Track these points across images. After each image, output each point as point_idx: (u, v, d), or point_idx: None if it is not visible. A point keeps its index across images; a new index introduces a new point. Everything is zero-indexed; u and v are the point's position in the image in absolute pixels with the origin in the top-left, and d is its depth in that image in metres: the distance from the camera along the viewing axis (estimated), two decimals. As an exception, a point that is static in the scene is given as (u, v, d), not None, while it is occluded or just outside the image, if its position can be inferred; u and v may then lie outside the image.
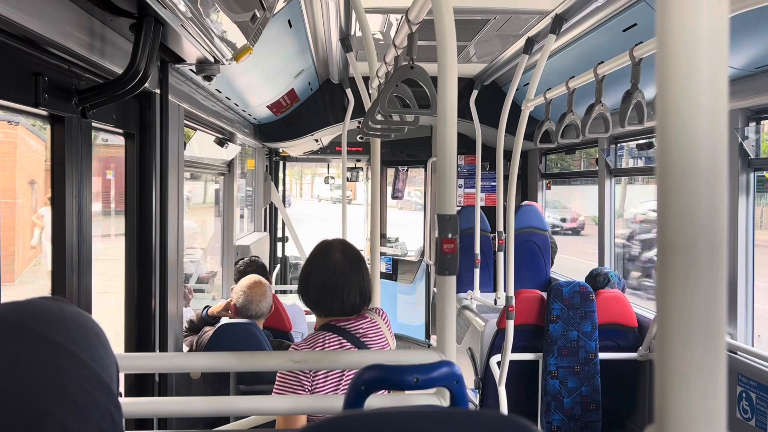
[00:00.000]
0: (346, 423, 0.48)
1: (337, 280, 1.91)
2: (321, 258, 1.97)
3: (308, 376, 1.80)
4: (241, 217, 5.95)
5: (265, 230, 6.60)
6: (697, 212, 0.46)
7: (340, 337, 1.88)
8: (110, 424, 0.59)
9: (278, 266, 7.35)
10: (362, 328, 1.93)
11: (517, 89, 3.85)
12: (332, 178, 9.51)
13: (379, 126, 2.40)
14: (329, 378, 1.81)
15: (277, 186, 7.05)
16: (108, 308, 2.66)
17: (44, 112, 1.71)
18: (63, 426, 0.54)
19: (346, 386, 1.76)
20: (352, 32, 3.80)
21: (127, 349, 2.45)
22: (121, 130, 2.37)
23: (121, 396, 0.68)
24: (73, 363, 0.58)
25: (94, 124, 2.00)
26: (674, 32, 0.46)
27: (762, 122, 3.10)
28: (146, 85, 2.21)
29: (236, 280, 3.39)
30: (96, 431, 0.57)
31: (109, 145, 2.65)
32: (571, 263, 7.62)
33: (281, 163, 7.69)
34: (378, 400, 1.19)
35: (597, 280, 3.93)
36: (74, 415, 0.56)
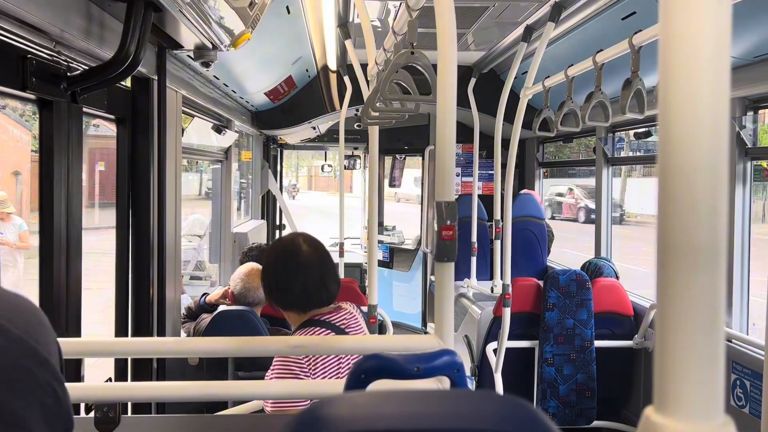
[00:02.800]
0: (348, 402, 0.49)
1: (317, 274, 1.92)
2: (294, 257, 1.94)
3: (304, 367, 1.80)
4: (238, 209, 5.96)
5: (262, 218, 6.60)
6: (698, 203, 0.46)
7: (330, 331, 1.88)
8: (53, 400, 0.57)
9: None
10: (345, 319, 1.94)
11: (515, 77, 3.84)
12: (329, 166, 9.51)
13: (378, 113, 2.40)
14: (327, 370, 1.82)
15: (275, 174, 7.04)
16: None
17: (32, 96, 1.69)
18: None
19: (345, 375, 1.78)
20: (351, 19, 3.78)
21: (125, 336, 2.46)
22: (112, 116, 2.35)
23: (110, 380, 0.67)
24: (4, 338, 0.55)
25: (85, 110, 1.99)
26: (677, 21, 0.46)
27: (760, 111, 3.10)
28: (143, 71, 2.19)
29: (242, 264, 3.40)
30: (36, 407, 0.55)
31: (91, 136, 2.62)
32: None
33: (279, 150, 7.67)
34: (377, 388, 1.20)
35: (590, 270, 3.97)
36: (10, 393, 0.53)
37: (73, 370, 1.95)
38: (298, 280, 1.91)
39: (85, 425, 1.34)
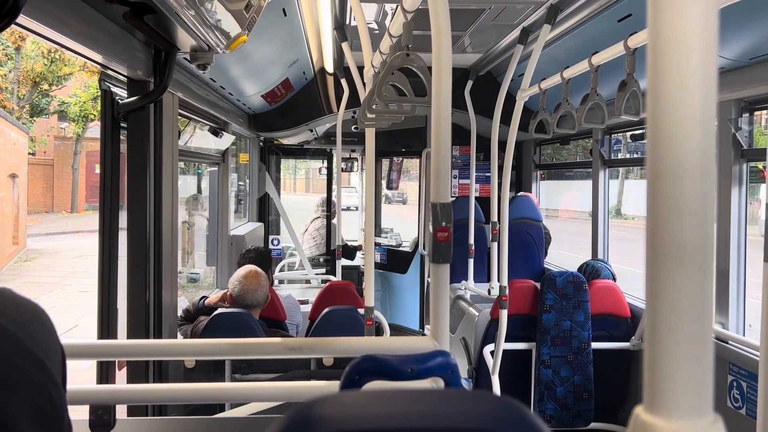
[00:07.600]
0: (338, 401, 0.49)
1: None
2: None
3: None
4: (237, 211, 5.95)
5: (259, 221, 6.59)
6: (686, 204, 0.46)
7: None
8: (47, 401, 0.57)
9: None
10: None
11: (512, 80, 3.85)
12: (327, 168, 9.49)
13: (374, 115, 2.40)
14: None
15: (272, 176, 7.02)
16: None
17: None
18: None
19: None
20: (347, 21, 3.78)
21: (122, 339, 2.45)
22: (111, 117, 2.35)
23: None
24: (1, 336, 0.55)
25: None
26: (665, 23, 0.46)
27: (755, 113, 3.11)
28: (140, 73, 2.20)
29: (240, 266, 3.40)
30: (27, 407, 0.54)
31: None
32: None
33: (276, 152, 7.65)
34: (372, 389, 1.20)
35: (587, 272, 3.98)
36: (1, 389, 0.53)
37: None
38: None
39: (80, 428, 1.34)
